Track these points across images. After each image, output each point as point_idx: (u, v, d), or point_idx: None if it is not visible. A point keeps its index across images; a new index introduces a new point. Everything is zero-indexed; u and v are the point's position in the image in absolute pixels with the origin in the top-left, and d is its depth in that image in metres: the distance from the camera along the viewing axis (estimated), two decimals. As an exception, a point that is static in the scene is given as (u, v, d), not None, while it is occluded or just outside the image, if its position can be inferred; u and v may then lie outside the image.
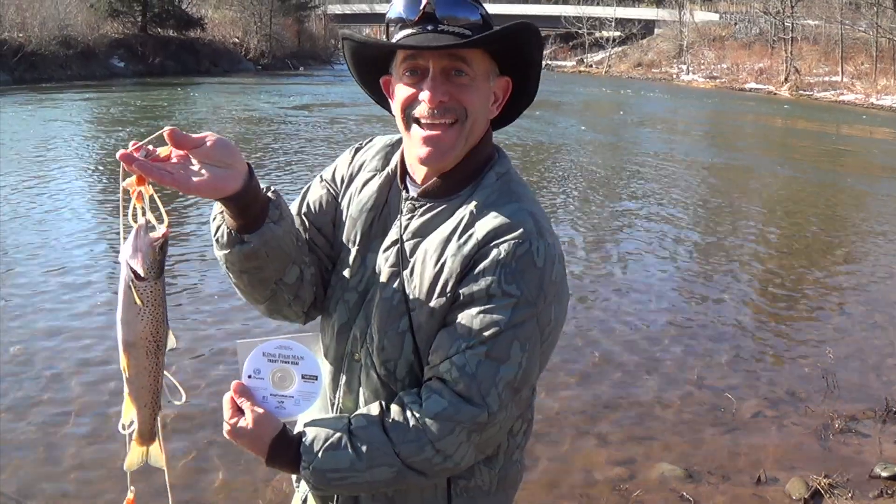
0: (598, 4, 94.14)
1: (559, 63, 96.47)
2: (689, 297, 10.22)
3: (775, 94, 64.63)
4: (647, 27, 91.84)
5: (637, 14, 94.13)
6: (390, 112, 2.29)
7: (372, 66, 2.27)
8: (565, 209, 15.52)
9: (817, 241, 14.05)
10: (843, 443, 6.46)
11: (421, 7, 2.05)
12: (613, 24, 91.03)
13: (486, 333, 1.99)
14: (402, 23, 2.09)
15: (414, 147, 2.13)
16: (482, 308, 2.00)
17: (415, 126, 2.10)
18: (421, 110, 2.07)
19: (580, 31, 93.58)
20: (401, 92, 2.12)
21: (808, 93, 63.00)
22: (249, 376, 2.14)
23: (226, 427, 2.10)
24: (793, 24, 69.99)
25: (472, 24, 2.07)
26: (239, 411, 2.10)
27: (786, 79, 67.22)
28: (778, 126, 38.67)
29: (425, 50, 2.05)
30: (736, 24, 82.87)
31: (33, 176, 15.91)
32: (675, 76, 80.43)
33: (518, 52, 2.15)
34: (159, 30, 59.22)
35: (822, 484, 5.70)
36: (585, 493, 5.62)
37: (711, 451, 6.27)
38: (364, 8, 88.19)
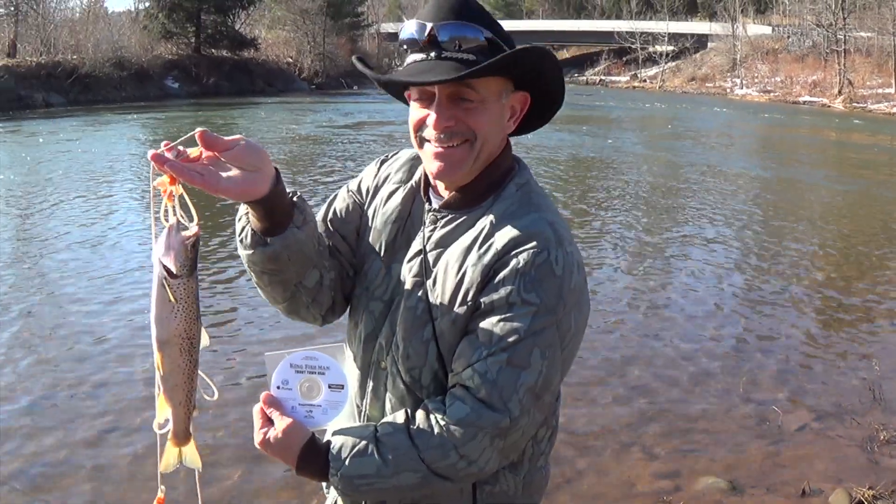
0: (650, 19, 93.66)
1: (613, 78, 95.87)
2: (736, 310, 10.20)
3: (829, 106, 63.85)
4: (700, 41, 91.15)
5: (690, 28, 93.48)
6: None
7: (392, 85, 2.33)
8: (615, 222, 15.51)
9: (868, 254, 13.88)
10: (889, 455, 6.44)
11: (426, 32, 2.11)
12: (666, 38, 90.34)
13: (507, 341, 2.03)
14: (412, 45, 2.15)
15: (427, 163, 2.21)
16: (502, 316, 2.05)
17: (426, 144, 2.17)
18: (429, 133, 2.13)
19: (633, 47, 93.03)
20: (412, 114, 2.19)
21: (862, 105, 62.14)
22: (278, 387, 2.19)
23: (257, 437, 2.15)
24: (845, 36, 69.18)
25: (477, 47, 2.10)
26: (269, 422, 2.16)
27: (839, 91, 66.41)
28: (832, 139, 38.23)
29: (419, 86, 2.13)
30: (789, 36, 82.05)
31: (93, 195, 16.17)
32: (728, 90, 79.71)
33: (529, 70, 2.18)
34: (213, 50, 59.72)
35: (867, 496, 5.69)
36: (629, 505, 5.66)
37: (756, 464, 6.26)
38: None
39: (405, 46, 2.18)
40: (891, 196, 20.83)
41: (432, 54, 2.11)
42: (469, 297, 2.11)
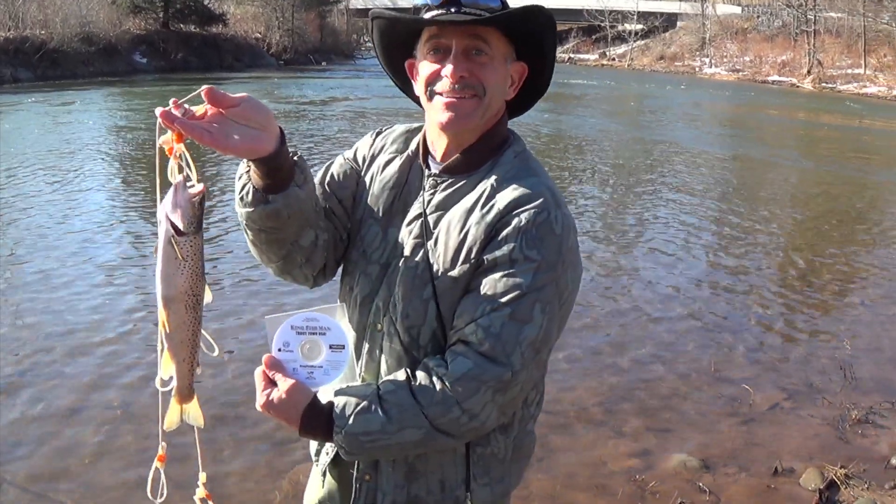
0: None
1: (581, 56, 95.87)
2: (707, 288, 10.22)
3: (798, 86, 64.16)
4: (670, 20, 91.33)
5: (659, 7, 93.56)
6: (412, 98, 2.45)
7: (398, 49, 2.39)
8: (585, 199, 15.53)
9: (837, 233, 13.98)
10: (860, 434, 6.47)
11: None
12: (636, 17, 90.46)
13: (510, 296, 2.09)
14: (427, 7, 2.20)
15: (436, 115, 2.24)
16: (505, 272, 2.11)
17: (437, 97, 2.22)
18: (443, 85, 2.20)
19: (602, 25, 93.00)
20: (425, 69, 2.24)
21: (831, 85, 62.55)
22: (279, 349, 2.20)
23: (260, 399, 2.16)
24: (815, 16, 69.52)
25: (492, 8, 2.16)
26: (271, 384, 2.17)
27: (808, 71, 66.76)
28: (801, 119, 38.39)
29: (449, 25, 2.17)
30: (758, 16, 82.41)
31: (59, 169, 16.03)
32: (697, 69, 79.96)
33: (532, 37, 2.26)
34: (181, 25, 59.21)
35: (839, 475, 5.71)
36: (601, 484, 5.64)
37: (728, 442, 6.28)
38: (386, 2, 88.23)
39: (424, 3, 2.22)
40: (859, 176, 20.99)
41: (452, 9, 2.15)
42: (472, 255, 2.17)
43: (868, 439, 6.40)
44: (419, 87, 2.29)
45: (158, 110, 1.83)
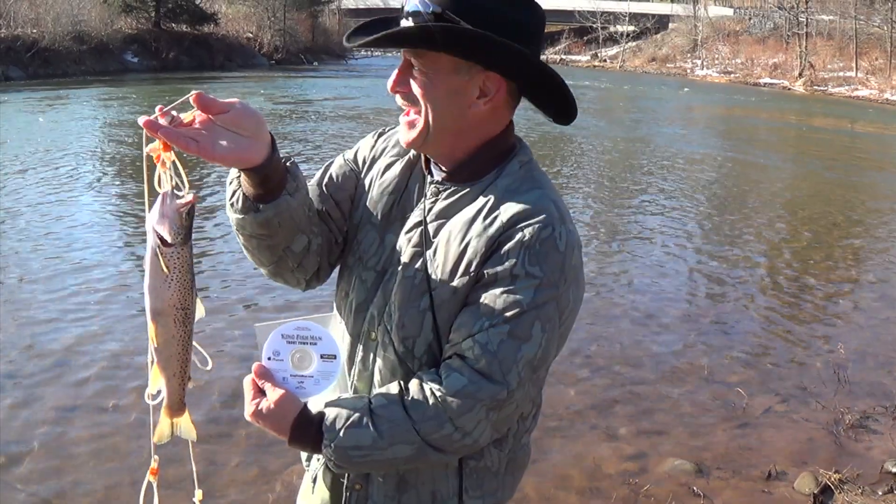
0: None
1: (573, 58, 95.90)
2: (701, 292, 10.23)
3: (790, 89, 64.34)
4: (662, 22, 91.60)
5: (651, 9, 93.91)
6: None
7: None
8: (576, 202, 15.45)
9: (830, 237, 14.01)
10: (854, 439, 6.46)
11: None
12: (627, 18, 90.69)
13: (510, 313, 2.03)
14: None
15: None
16: (506, 288, 2.05)
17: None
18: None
19: (594, 26, 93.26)
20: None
21: (823, 88, 62.74)
22: (269, 358, 2.16)
23: (248, 409, 2.12)
24: (807, 18, 69.74)
25: (425, 17, 2.03)
26: (260, 393, 2.13)
27: (800, 74, 66.96)
28: (792, 121, 38.48)
29: (351, 45, 2.19)
30: (750, 18, 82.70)
31: (50, 168, 15.98)
32: (689, 71, 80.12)
33: (476, 51, 2.08)
34: (173, 25, 59.18)
35: (833, 479, 5.69)
36: (595, 487, 5.63)
37: (721, 446, 6.26)
38: (377, 2, 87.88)
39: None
40: (850, 179, 21.03)
41: (401, 20, 2.09)
42: (472, 269, 2.10)
43: (862, 444, 6.39)
44: None
45: (142, 119, 1.78)
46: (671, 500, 5.46)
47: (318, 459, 2.44)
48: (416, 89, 2.11)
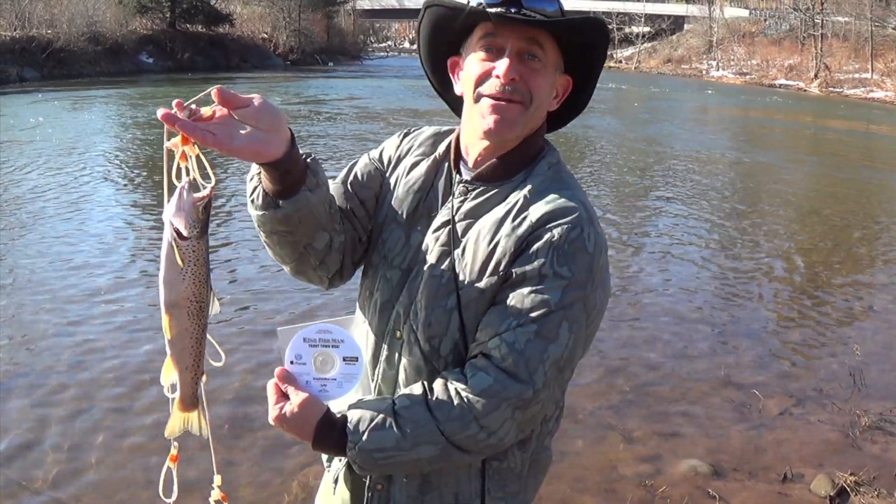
0: (627, 0, 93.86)
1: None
2: (717, 294, 10.19)
3: (805, 90, 64.20)
4: (677, 23, 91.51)
5: (667, 10, 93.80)
6: (446, 100, 2.44)
7: (444, 44, 2.33)
8: (593, 200, 15.37)
9: (847, 238, 13.95)
10: (871, 441, 6.43)
11: None
12: (643, 19, 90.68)
13: (537, 313, 2.04)
14: (486, 4, 2.12)
15: (479, 119, 2.17)
16: (534, 288, 2.06)
17: (484, 99, 2.15)
18: (491, 86, 2.13)
19: (609, 27, 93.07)
20: (474, 67, 2.18)
21: (838, 90, 62.55)
22: (292, 362, 2.16)
23: (272, 413, 2.12)
24: (822, 20, 69.58)
25: (549, 14, 2.11)
26: (283, 397, 2.13)
27: (815, 75, 66.80)
28: (808, 123, 38.35)
29: (509, 23, 2.10)
30: (766, 20, 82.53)
31: (66, 168, 16.06)
32: (704, 72, 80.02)
33: (585, 49, 2.22)
34: (188, 26, 59.40)
35: (849, 482, 5.68)
36: (611, 489, 5.62)
37: (737, 448, 6.24)
38: (393, 3, 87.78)
39: (479, 2, 2.14)
40: (868, 181, 20.93)
41: (512, 9, 2.08)
42: (500, 268, 2.11)
43: (878, 446, 6.37)
44: (465, 86, 2.23)
45: (160, 112, 1.78)
46: (687, 502, 5.46)
47: (340, 460, 2.44)
48: (534, 80, 2.14)
